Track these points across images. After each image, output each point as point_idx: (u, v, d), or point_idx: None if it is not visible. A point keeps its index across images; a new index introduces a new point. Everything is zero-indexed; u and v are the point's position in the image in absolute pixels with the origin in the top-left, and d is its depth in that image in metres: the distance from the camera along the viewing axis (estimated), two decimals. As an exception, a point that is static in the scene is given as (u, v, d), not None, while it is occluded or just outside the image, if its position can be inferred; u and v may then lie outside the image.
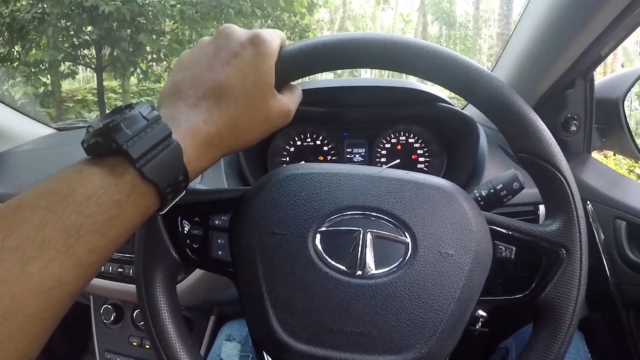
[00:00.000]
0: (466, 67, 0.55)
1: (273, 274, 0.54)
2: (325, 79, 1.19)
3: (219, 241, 0.59)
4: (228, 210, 0.60)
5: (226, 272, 0.60)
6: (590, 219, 1.01)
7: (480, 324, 0.87)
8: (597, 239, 1.00)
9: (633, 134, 1.09)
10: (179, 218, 0.60)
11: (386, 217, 0.54)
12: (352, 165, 0.60)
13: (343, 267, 0.53)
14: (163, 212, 0.49)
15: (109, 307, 1.20)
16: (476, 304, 0.55)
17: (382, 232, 0.54)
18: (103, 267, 1.10)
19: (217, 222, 0.60)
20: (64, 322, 0.42)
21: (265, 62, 0.52)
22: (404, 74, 0.61)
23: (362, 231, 0.54)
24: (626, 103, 1.10)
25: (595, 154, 1.17)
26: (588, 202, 1.02)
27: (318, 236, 0.54)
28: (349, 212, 0.55)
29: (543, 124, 0.56)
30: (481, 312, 0.77)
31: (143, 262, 0.59)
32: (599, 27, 0.88)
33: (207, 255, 0.60)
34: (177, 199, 0.49)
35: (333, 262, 0.53)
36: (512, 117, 0.56)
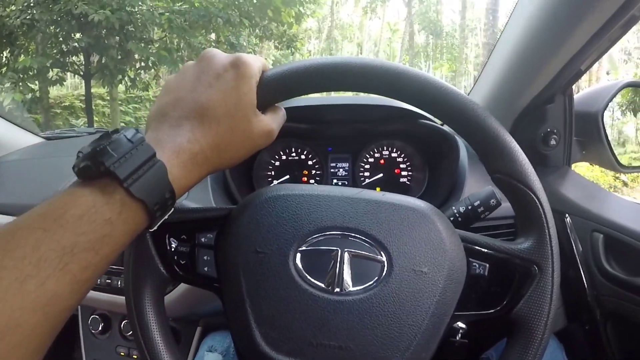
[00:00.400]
0: (443, 90, 0.57)
1: (256, 290, 0.56)
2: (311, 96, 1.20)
3: (205, 258, 0.62)
4: (214, 228, 0.62)
5: (212, 287, 0.62)
6: (569, 232, 1.03)
7: (460, 335, 0.89)
8: (575, 251, 1.02)
9: (612, 147, 1.11)
10: (167, 235, 0.62)
11: (363, 237, 0.57)
12: (332, 187, 0.62)
13: (322, 285, 0.55)
14: (152, 230, 0.51)
15: (97, 317, 1.20)
16: (451, 318, 0.57)
17: (359, 251, 0.56)
18: None
19: (203, 239, 0.62)
20: None
21: (246, 83, 0.55)
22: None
23: (340, 250, 0.56)
24: (608, 113, 1.12)
25: (582, 163, 1.19)
26: (566, 214, 1.04)
27: (298, 255, 0.56)
28: (328, 232, 0.57)
29: (517, 145, 0.59)
30: (461, 324, 0.80)
31: (132, 277, 0.61)
32: (579, 43, 0.89)
33: (194, 271, 0.62)
34: (165, 217, 0.51)
35: (313, 280, 0.55)
36: (486, 139, 0.58)
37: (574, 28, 0.87)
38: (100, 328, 1.19)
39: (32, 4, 7.62)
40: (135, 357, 1.18)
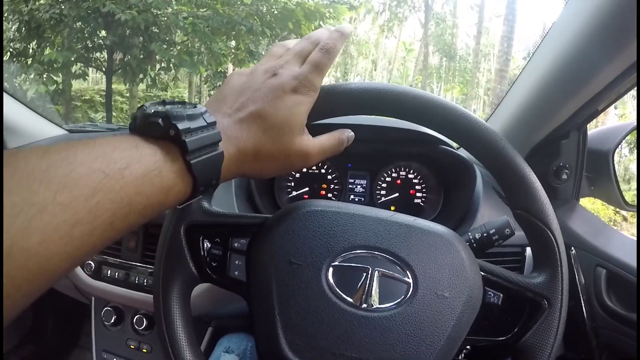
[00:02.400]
0: (476, 126, 0.62)
1: (287, 299, 0.59)
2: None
3: (237, 262, 0.65)
4: (247, 235, 0.65)
5: (240, 291, 0.65)
6: (573, 264, 1.06)
7: (463, 355, 0.92)
8: (578, 283, 1.05)
9: (620, 185, 1.14)
10: (201, 237, 0.66)
11: (393, 259, 0.60)
12: (367, 207, 0.65)
13: (350, 300, 0.58)
14: (181, 207, 0.52)
15: (110, 309, 1.22)
16: (463, 342, 0.60)
17: (388, 271, 0.59)
18: (109, 272, 1.15)
19: (236, 244, 0.65)
20: (57, 317, 0.43)
21: (302, 108, 0.58)
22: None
23: (370, 269, 0.59)
24: (616, 151, 1.15)
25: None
26: (572, 247, 1.07)
27: (331, 269, 0.59)
28: (361, 251, 0.60)
29: (540, 185, 0.63)
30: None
31: (163, 273, 0.64)
32: (599, 86, 0.92)
33: (225, 274, 0.65)
34: (192, 200, 0.51)
35: (342, 294, 0.58)
36: (512, 176, 0.62)
37: (597, 72, 0.90)
38: (112, 320, 1.21)
39: (61, 0, 7.75)
40: (145, 350, 1.21)
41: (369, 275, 0.59)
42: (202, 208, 0.66)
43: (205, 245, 0.66)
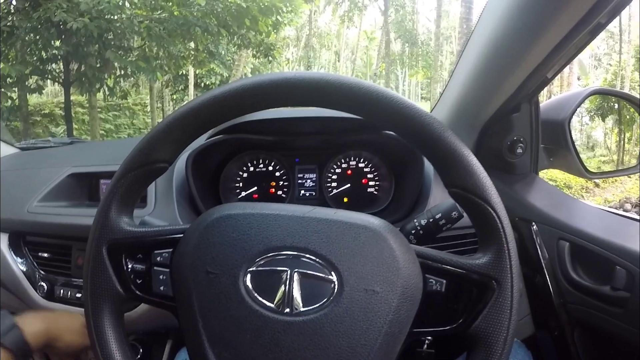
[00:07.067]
0: (397, 103, 0.57)
1: (208, 310, 0.56)
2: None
3: (161, 277, 0.61)
4: (169, 246, 0.62)
5: (168, 306, 0.62)
6: (535, 239, 1.04)
7: (426, 345, 0.89)
8: (542, 259, 1.02)
9: (579, 154, 1.12)
10: (123, 256, 0.62)
11: (313, 257, 0.56)
12: (282, 205, 0.62)
13: (271, 305, 0.55)
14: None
15: None
16: (408, 335, 0.57)
17: (309, 271, 0.55)
18: (62, 292, 1.12)
19: (158, 258, 0.62)
20: None
21: None
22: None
23: (289, 271, 0.55)
24: (577, 119, 1.13)
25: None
26: (533, 222, 1.05)
27: (248, 276, 0.56)
28: (278, 253, 0.56)
29: (474, 158, 0.58)
30: None
31: (90, 297, 0.61)
32: (544, 51, 0.89)
33: (151, 290, 0.62)
34: None
35: (262, 300, 0.55)
36: (442, 153, 0.57)
37: (539, 36, 0.87)
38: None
39: (12, 11, 7.60)
40: None
41: (288, 278, 0.55)
42: (121, 225, 0.63)
43: (127, 263, 0.63)
